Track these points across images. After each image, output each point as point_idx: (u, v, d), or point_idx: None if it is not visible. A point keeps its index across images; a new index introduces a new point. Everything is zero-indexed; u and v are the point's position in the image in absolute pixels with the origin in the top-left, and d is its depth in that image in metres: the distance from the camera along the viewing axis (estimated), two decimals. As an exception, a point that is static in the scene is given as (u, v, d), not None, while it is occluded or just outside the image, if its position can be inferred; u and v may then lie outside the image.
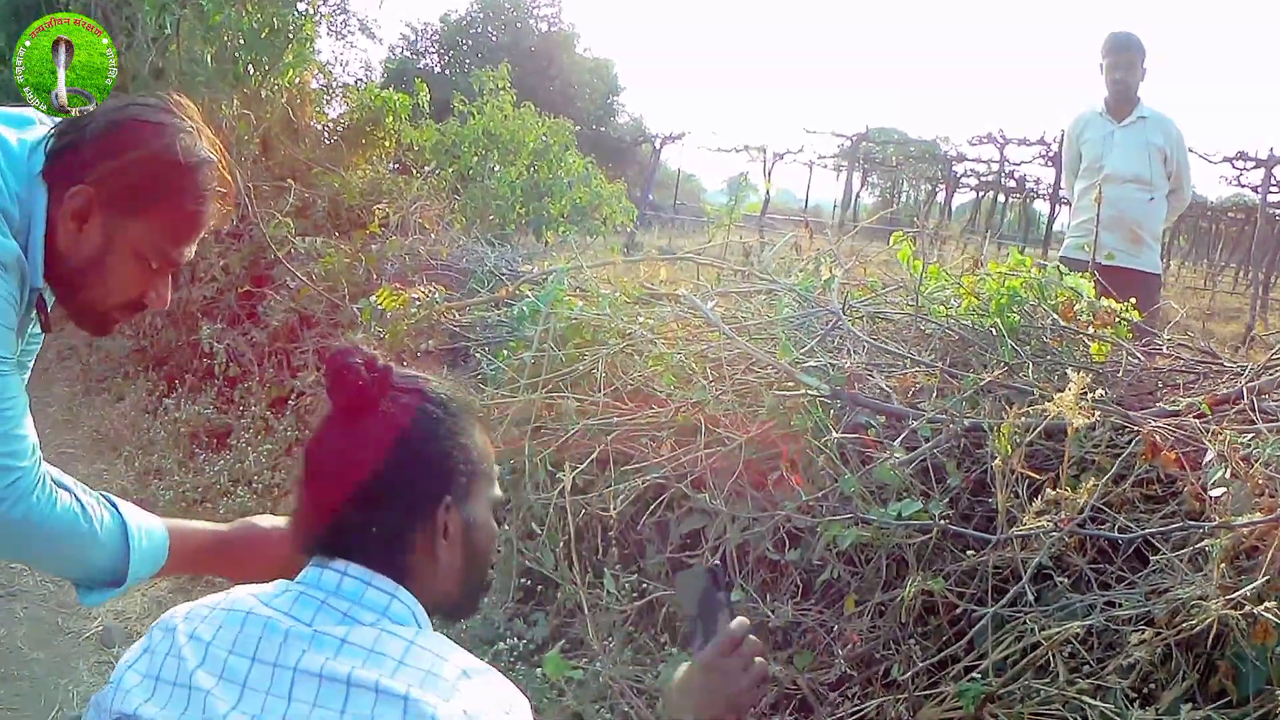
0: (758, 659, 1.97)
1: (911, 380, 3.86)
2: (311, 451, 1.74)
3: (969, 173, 31.51)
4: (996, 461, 3.11)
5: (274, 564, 2.04)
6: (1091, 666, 2.89)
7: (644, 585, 3.83)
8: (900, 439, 3.50)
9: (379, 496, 1.68)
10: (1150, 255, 6.77)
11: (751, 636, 1.98)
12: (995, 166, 28.87)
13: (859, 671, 3.36)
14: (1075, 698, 2.81)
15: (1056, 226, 23.88)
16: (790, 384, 3.86)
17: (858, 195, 32.67)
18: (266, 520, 2.35)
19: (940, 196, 33.34)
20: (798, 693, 3.42)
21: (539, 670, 3.82)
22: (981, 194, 31.73)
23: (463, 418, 1.79)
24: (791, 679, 3.44)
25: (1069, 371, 3.24)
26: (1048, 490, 3.01)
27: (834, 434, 3.56)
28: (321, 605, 1.62)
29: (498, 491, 1.87)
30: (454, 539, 1.73)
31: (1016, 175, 29.35)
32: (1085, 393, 3.10)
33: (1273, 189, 23.19)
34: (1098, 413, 3.16)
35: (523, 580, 4.22)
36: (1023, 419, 3.21)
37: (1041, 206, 28.93)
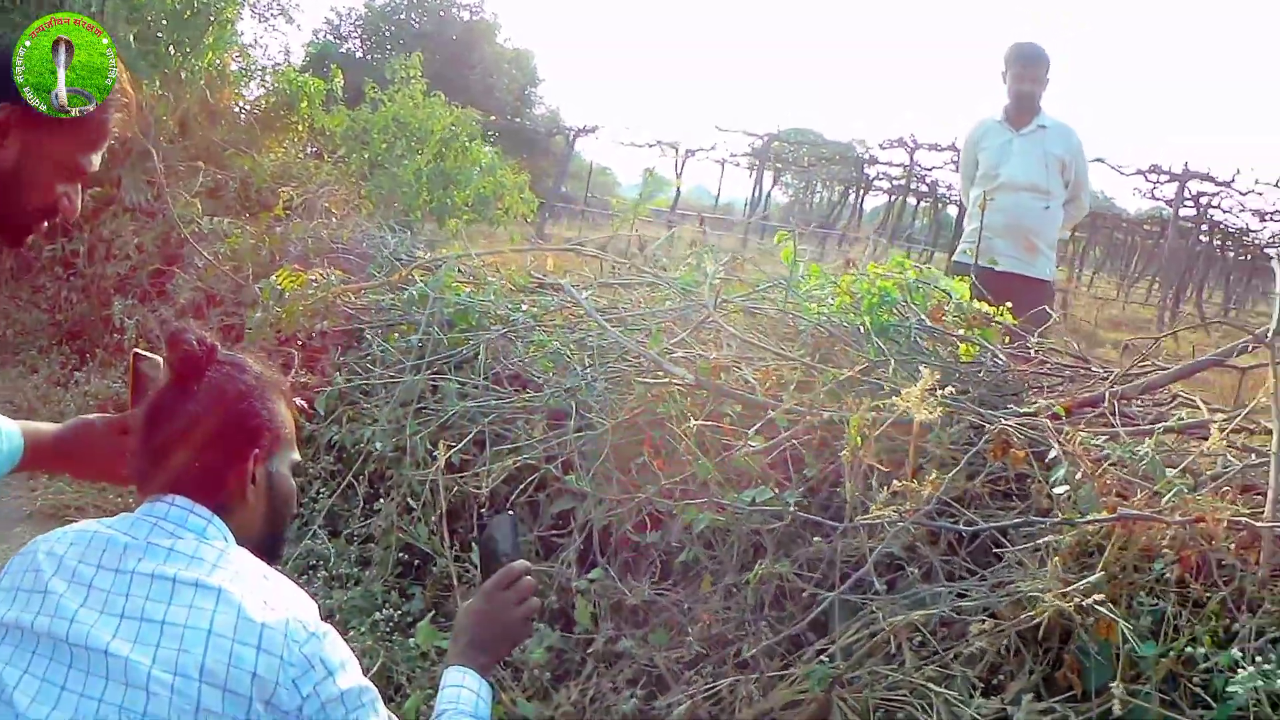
0: (532, 598, 2.30)
1: (774, 373, 3.91)
2: (152, 408, 2.06)
3: (881, 176, 31.49)
4: (845, 452, 3.18)
5: (108, 459, 2.43)
6: (940, 655, 2.93)
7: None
8: (755, 428, 3.56)
9: (201, 442, 2.00)
10: (1045, 263, 6.70)
11: (529, 577, 2.30)
12: (907, 171, 28.93)
13: (713, 651, 3.42)
14: (922, 685, 2.85)
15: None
16: (661, 373, 3.91)
17: (769, 194, 32.55)
18: (99, 418, 2.52)
19: (853, 199, 33.43)
20: (654, 669, 3.48)
21: (413, 640, 3.87)
22: (893, 198, 31.66)
23: (271, 390, 2.12)
24: (649, 656, 3.50)
25: (921, 368, 3.29)
26: (895, 482, 3.08)
27: (693, 422, 3.62)
28: (153, 527, 1.94)
29: (297, 456, 2.20)
30: (260, 487, 2.06)
31: (928, 180, 29.40)
32: (934, 389, 3.16)
33: (1186, 203, 23.40)
34: (940, 409, 3.22)
35: (402, 555, 4.26)
36: (874, 413, 3.27)
37: (953, 211, 28.99)
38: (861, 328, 4.10)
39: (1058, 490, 3.02)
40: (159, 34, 9.75)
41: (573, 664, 3.69)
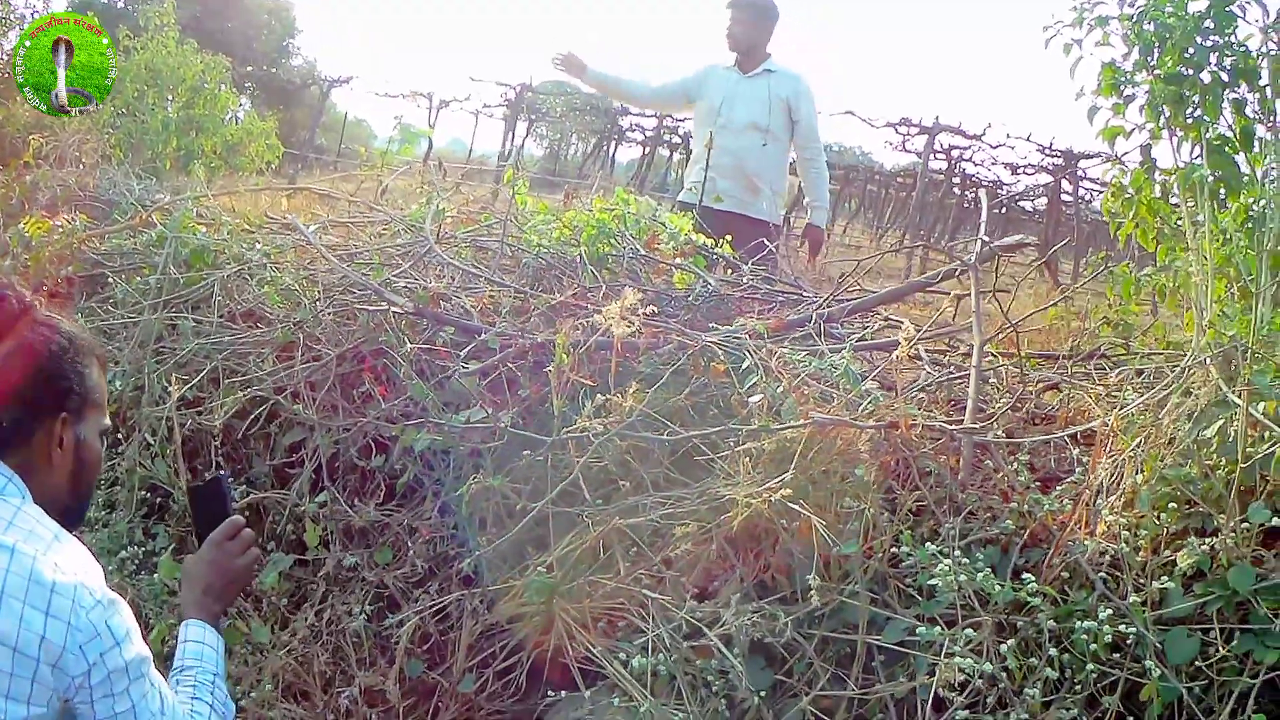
0: (253, 548, 2.46)
1: (489, 300, 3.92)
2: None
3: (634, 128, 31.24)
4: (551, 369, 3.20)
5: None
6: (653, 561, 2.98)
7: (250, 493, 3.84)
8: (467, 351, 3.57)
9: (8, 399, 1.96)
10: (767, 205, 6.63)
11: (248, 530, 2.46)
12: (659, 123, 28.57)
13: (439, 569, 3.44)
14: (640, 592, 2.90)
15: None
16: (383, 303, 3.89)
17: (521, 145, 32.03)
18: None
19: (606, 151, 33.20)
20: (385, 590, 3.49)
21: (157, 576, 3.80)
22: (646, 150, 31.36)
23: (85, 354, 2.07)
24: (379, 577, 3.50)
25: (627, 290, 3.32)
26: (599, 397, 3.11)
27: (409, 346, 3.62)
28: None
29: (106, 421, 2.17)
30: (66, 450, 2.03)
31: (680, 132, 29.16)
32: (633, 308, 3.19)
33: (938, 155, 23.76)
34: (642, 327, 3.26)
35: (146, 495, 4.17)
36: (579, 333, 3.30)
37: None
38: (579, 258, 4.13)
39: (752, 399, 3.08)
40: (-80, -15, 9.31)
41: (308, 589, 3.67)
